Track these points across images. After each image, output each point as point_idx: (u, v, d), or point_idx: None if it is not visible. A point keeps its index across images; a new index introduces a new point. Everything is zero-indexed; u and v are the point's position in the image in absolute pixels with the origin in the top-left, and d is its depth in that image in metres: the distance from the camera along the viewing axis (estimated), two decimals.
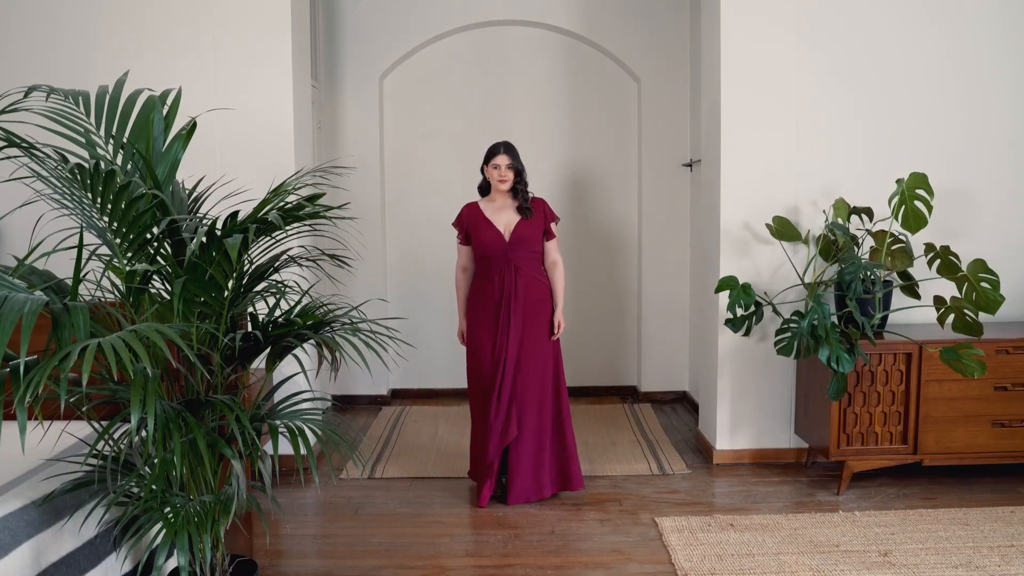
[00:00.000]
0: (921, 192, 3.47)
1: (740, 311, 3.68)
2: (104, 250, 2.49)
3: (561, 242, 5.32)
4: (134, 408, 1.68)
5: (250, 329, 2.39)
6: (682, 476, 3.83)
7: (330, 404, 4.31)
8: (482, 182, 3.63)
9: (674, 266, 5.24)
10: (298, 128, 3.92)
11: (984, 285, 3.38)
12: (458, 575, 2.86)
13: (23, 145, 1.99)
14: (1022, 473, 3.73)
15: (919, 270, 3.71)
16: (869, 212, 3.68)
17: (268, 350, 2.37)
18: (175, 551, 2.07)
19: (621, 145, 5.35)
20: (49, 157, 2.01)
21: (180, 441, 1.92)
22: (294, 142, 3.85)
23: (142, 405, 1.71)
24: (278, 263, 2.37)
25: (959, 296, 3.44)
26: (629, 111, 5.32)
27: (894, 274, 3.71)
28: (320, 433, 2.26)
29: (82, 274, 1.88)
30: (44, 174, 2.06)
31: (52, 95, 2.16)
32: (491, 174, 3.52)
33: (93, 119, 2.23)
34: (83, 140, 2.20)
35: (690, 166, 5.10)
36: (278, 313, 2.42)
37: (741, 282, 3.63)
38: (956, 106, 3.88)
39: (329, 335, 2.34)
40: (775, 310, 3.72)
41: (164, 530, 2.03)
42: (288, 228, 2.27)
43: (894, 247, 3.65)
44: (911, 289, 3.70)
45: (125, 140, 2.20)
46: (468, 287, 3.63)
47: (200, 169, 3.06)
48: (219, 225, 2.08)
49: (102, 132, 2.22)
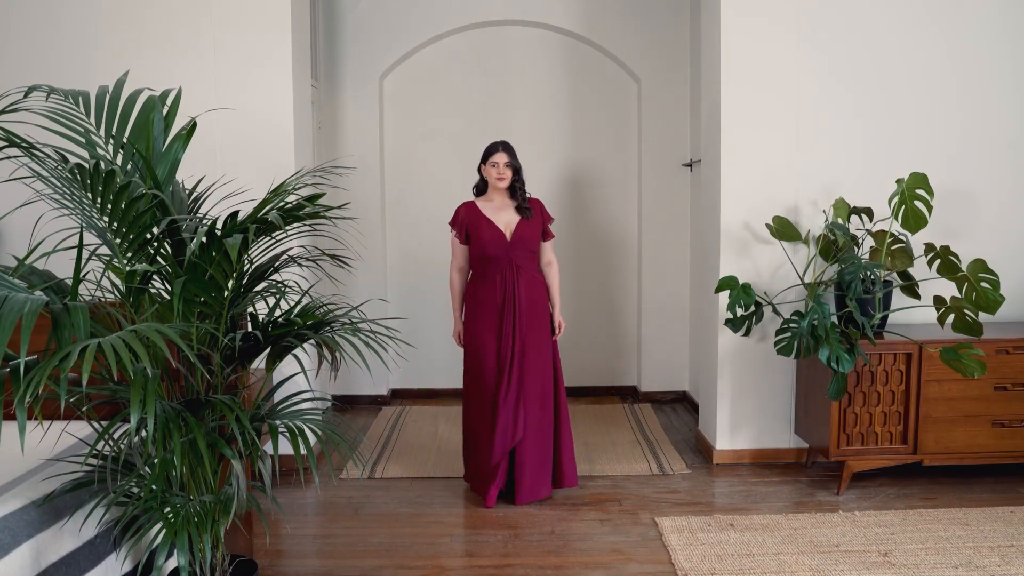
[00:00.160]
0: (921, 192, 3.47)
1: (740, 311, 3.68)
2: (104, 250, 2.50)
3: (561, 242, 5.36)
4: (134, 408, 1.68)
5: (250, 329, 2.39)
6: (682, 476, 3.84)
7: (330, 404, 4.30)
8: (478, 182, 3.62)
9: (674, 266, 5.24)
10: (298, 128, 3.92)
11: (984, 285, 3.38)
12: (458, 575, 2.86)
13: (23, 145, 1.99)
14: (1022, 473, 3.73)
15: (919, 270, 3.71)
16: (869, 212, 3.68)
17: (268, 350, 2.37)
18: (175, 551, 2.07)
19: (621, 145, 5.35)
20: (49, 157, 2.01)
21: (180, 441, 1.92)
22: (294, 142, 3.85)
23: (142, 405, 1.71)
24: (278, 263, 2.37)
25: (959, 296, 3.44)
26: (629, 111, 5.32)
27: (894, 274, 3.71)
28: (320, 433, 2.26)
29: (82, 274, 1.88)
30: (44, 174, 2.06)
31: (52, 95, 2.16)
32: (489, 172, 3.51)
33: (93, 119, 2.23)
34: (83, 140, 2.20)
35: (690, 166, 5.10)
36: (278, 313, 2.42)
37: (741, 282, 3.63)
38: (956, 106, 3.88)
39: (329, 335, 2.34)
40: (775, 310, 3.72)
41: (164, 530, 2.03)
42: (288, 228, 2.27)
43: (894, 247, 3.65)
44: (911, 289, 3.70)
45: (125, 140, 2.20)
46: (463, 288, 3.63)
47: (200, 169, 3.06)
48: (219, 225, 2.08)
49: (102, 132, 2.22)
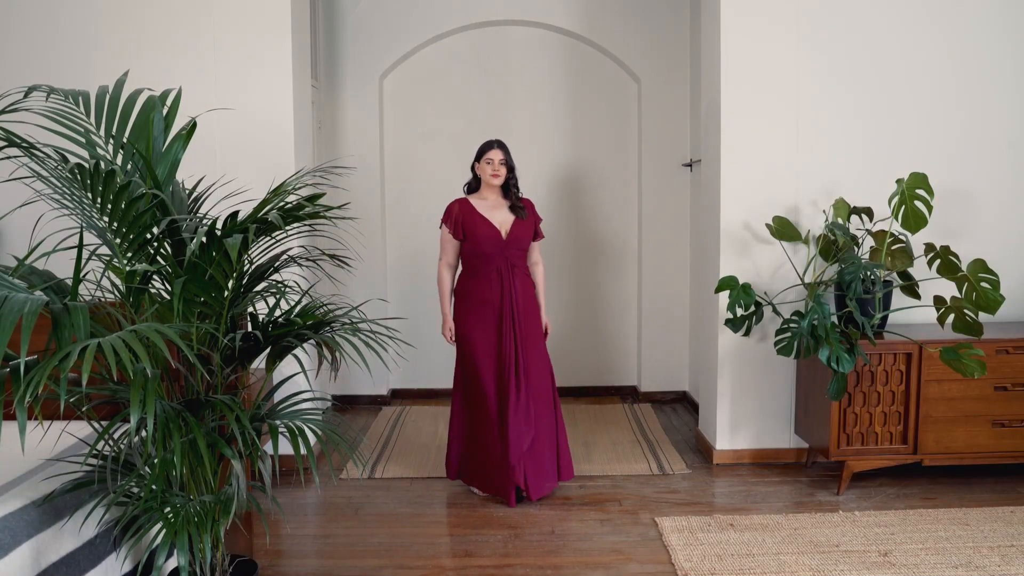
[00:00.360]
0: (921, 192, 3.47)
1: (740, 311, 3.68)
2: (104, 250, 2.50)
3: (561, 242, 5.36)
4: (134, 408, 1.68)
5: (250, 329, 2.39)
6: (682, 476, 3.83)
7: (330, 404, 4.30)
8: (471, 180, 3.64)
9: (674, 266, 5.24)
10: (298, 128, 3.92)
11: (984, 285, 3.38)
12: (458, 575, 2.86)
13: (23, 145, 1.99)
14: (1022, 473, 3.73)
15: (919, 270, 3.71)
16: (869, 212, 3.68)
17: (268, 350, 2.37)
18: (175, 551, 2.07)
19: (621, 145, 5.35)
20: (49, 157, 2.01)
21: (180, 441, 1.92)
22: (294, 142, 3.85)
23: (142, 405, 1.71)
24: (278, 263, 2.37)
25: (959, 296, 3.43)
26: (629, 111, 5.32)
27: (894, 274, 3.71)
28: (320, 433, 2.26)
29: (82, 274, 1.88)
30: (44, 174, 2.06)
31: (52, 95, 2.16)
32: (483, 170, 3.54)
33: (93, 119, 2.23)
34: (83, 140, 2.20)
35: (690, 166, 5.10)
36: (278, 313, 2.42)
37: (741, 282, 3.63)
38: (956, 106, 3.88)
39: (329, 335, 2.34)
40: (775, 310, 3.72)
41: (164, 530, 2.03)
42: (288, 228, 2.27)
43: (894, 247, 3.65)
44: (911, 289, 3.70)
45: (125, 140, 2.20)
46: (452, 285, 3.64)
47: (200, 169, 3.07)
48: (219, 225, 2.08)
49: (102, 132, 2.22)
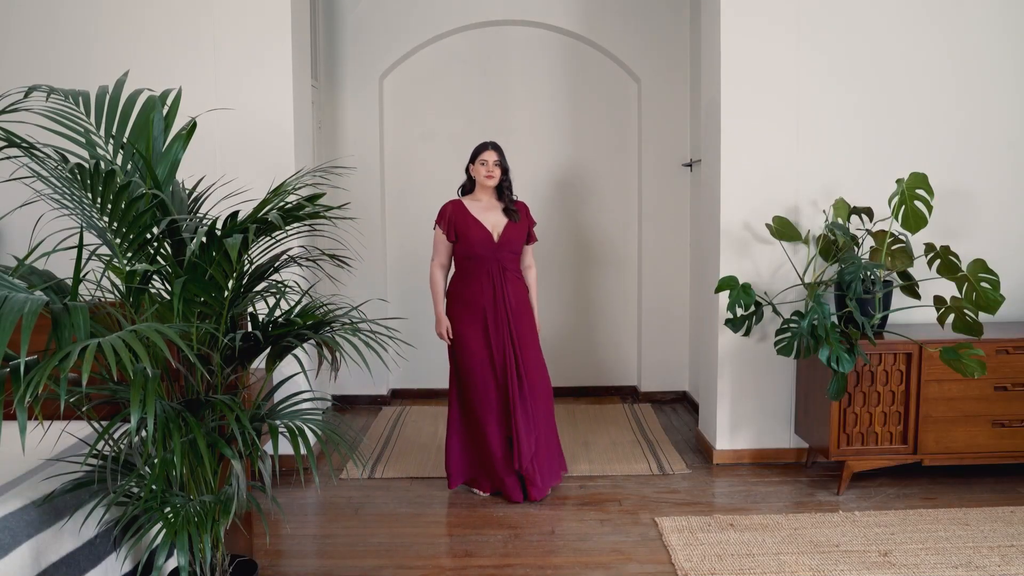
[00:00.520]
0: (921, 192, 3.47)
1: (740, 311, 3.68)
2: (104, 250, 2.50)
3: (561, 242, 5.37)
4: (134, 408, 1.68)
5: (250, 329, 2.39)
6: (682, 476, 3.83)
7: (330, 404, 4.30)
8: (465, 182, 3.65)
9: (674, 266, 5.24)
10: (298, 128, 3.92)
11: (984, 285, 3.38)
12: (458, 575, 2.86)
13: (23, 145, 1.99)
14: (1022, 473, 3.73)
15: (919, 270, 3.71)
16: (869, 212, 3.68)
17: (268, 350, 2.37)
18: (175, 551, 2.07)
19: (621, 145, 5.35)
20: (49, 157, 2.01)
21: (180, 441, 1.92)
22: (294, 142, 3.85)
23: (142, 405, 1.71)
24: (278, 263, 2.37)
25: (959, 296, 3.43)
26: (629, 111, 5.32)
27: (894, 274, 3.71)
28: (320, 433, 2.26)
29: (82, 274, 1.88)
30: (44, 174, 2.06)
31: (52, 95, 2.16)
32: (478, 171, 3.54)
33: (93, 119, 2.23)
34: (83, 140, 2.20)
35: (690, 166, 5.10)
36: (278, 313, 2.42)
37: (741, 282, 3.63)
38: (956, 106, 3.88)
39: (329, 335, 2.34)
40: (775, 310, 3.72)
41: (164, 530, 2.03)
42: (288, 228, 2.27)
43: (894, 247, 3.65)
44: (911, 289, 3.70)
45: (125, 140, 2.20)
46: (445, 285, 3.63)
47: (200, 169, 3.07)
48: (219, 225, 2.08)
49: (102, 132, 2.22)
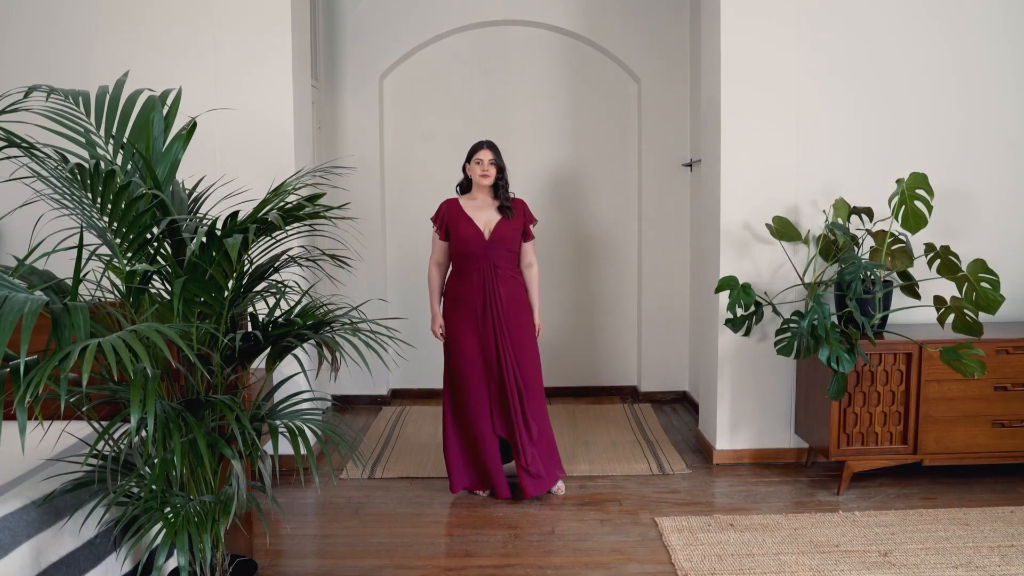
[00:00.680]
0: (921, 192, 3.47)
1: (740, 311, 3.68)
2: (104, 250, 2.50)
3: (561, 242, 5.36)
4: (134, 408, 1.68)
5: (250, 329, 2.39)
6: (682, 476, 3.83)
7: (330, 404, 4.30)
8: (463, 180, 3.65)
9: (674, 266, 5.24)
10: (298, 128, 3.91)
11: (984, 285, 3.38)
12: (458, 575, 2.86)
13: (23, 145, 1.99)
14: (1022, 473, 3.73)
15: (919, 270, 3.71)
16: (869, 212, 3.68)
17: (268, 350, 2.37)
18: (175, 551, 2.07)
19: (621, 145, 5.35)
20: (49, 157, 2.01)
21: (180, 441, 1.92)
22: (294, 142, 3.85)
23: (142, 405, 1.71)
24: (278, 263, 2.37)
25: (959, 296, 3.43)
26: (629, 111, 5.32)
27: (894, 274, 3.71)
28: (320, 433, 2.26)
29: (82, 274, 1.88)
30: (44, 174, 2.06)
31: (52, 95, 2.16)
32: (473, 170, 3.54)
33: (93, 119, 2.23)
34: (83, 140, 2.20)
35: (690, 166, 5.10)
36: (278, 313, 2.42)
37: (741, 282, 3.63)
38: (956, 106, 3.88)
39: (329, 335, 2.34)
40: (775, 310, 3.72)
41: (164, 530, 2.03)
42: (288, 228, 2.27)
43: (894, 247, 3.65)
44: (911, 289, 3.69)
45: (125, 140, 2.20)
46: (442, 282, 3.64)
47: (200, 169, 3.07)
48: (219, 225, 2.08)
49: (102, 132, 2.22)
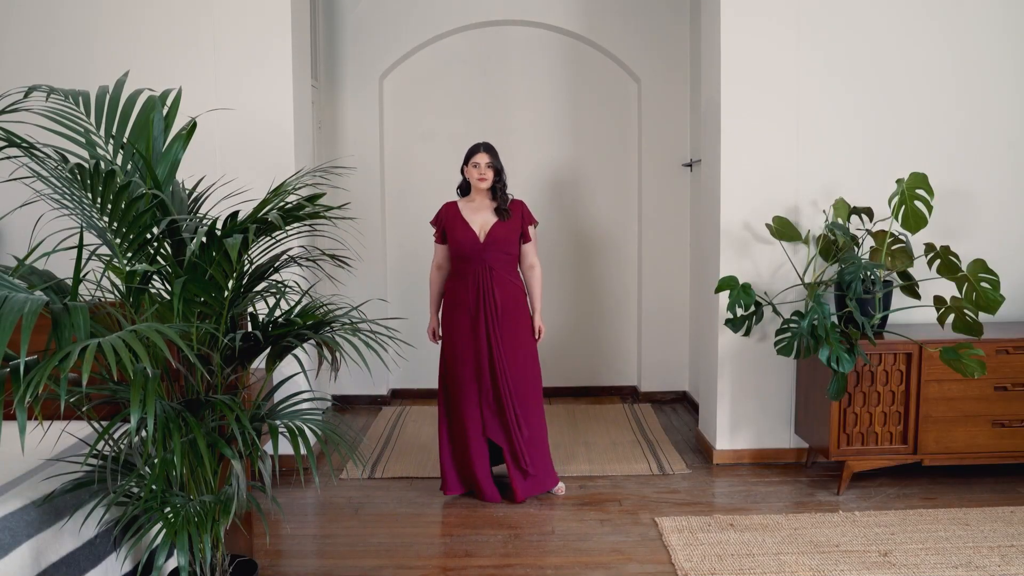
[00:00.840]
0: (921, 192, 3.47)
1: (740, 311, 3.68)
2: (104, 250, 2.50)
3: (561, 242, 5.36)
4: (134, 408, 1.68)
5: (250, 329, 2.39)
6: (682, 476, 3.83)
7: (330, 404, 4.30)
8: (462, 182, 3.65)
9: (674, 266, 5.24)
10: (298, 128, 3.92)
11: (984, 285, 3.38)
12: (458, 575, 2.86)
13: (23, 145, 1.99)
14: (1022, 473, 3.73)
15: (919, 270, 3.71)
16: (869, 212, 3.68)
17: (268, 350, 2.37)
18: (175, 551, 2.07)
19: (621, 145, 5.35)
20: (49, 157, 2.01)
21: (180, 441, 1.92)
22: (294, 142, 3.85)
23: (142, 405, 1.71)
24: (278, 263, 2.37)
25: (959, 296, 3.43)
26: (629, 111, 5.32)
27: (894, 274, 3.71)
28: (320, 433, 2.26)
29: (82, 274, 1.88)
30: (44, 174, 2.06)
31: (52, 95, 2.16)
32: (471, 173, 3.53)
33: (93, 119, 2.23)
34: (83, 140, 2.20)
35: (690, 166, 5.10)
36: (278, 313, 2.42)
37: (741, 282, 3.63)
38: (956, 106, 3.88)
39: (329, 335, 2.34)
40: (775, 310, 3.72)
41: (164, 530, 2.03)
42: (288, 228, 2.27)
43: (894, 247, 3.65)
44: (911, 289, 3.70)
45: (125, 140, 2.20)
46: (442, 285, 3.64)
47: (200, 169, 3.07)
48: (219, 225, 2.08)
49: (102, 132, 2.22)
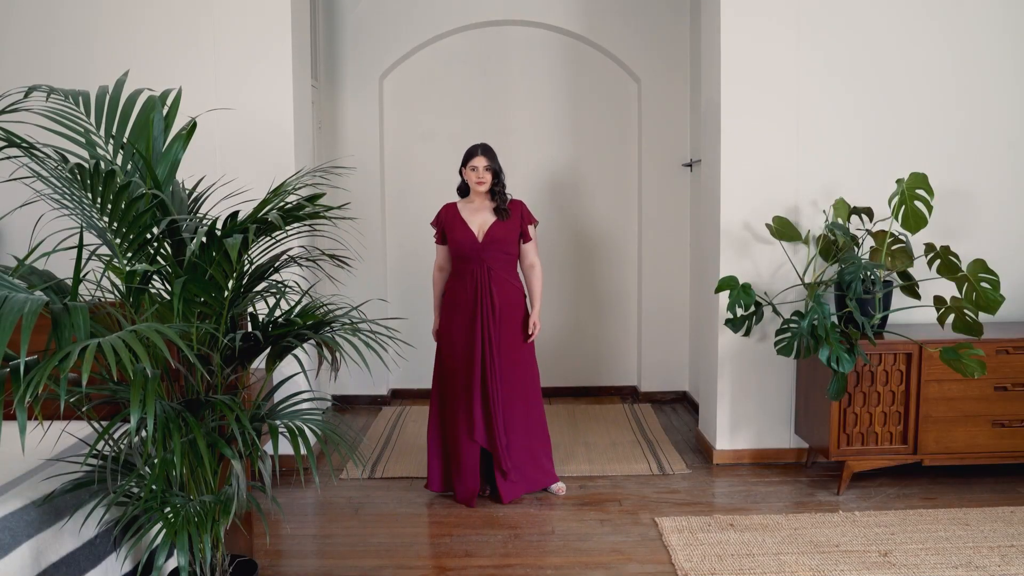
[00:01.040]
0: (921, 192, 3.47)
1: (740, 311, 3.68)
2: (104, 250, 2.50)
3: (561, 242, 5.36)
4: (134, 408, 1.68)
5: (250, 329, 2.39)
6: (682, 476, 3.83)
7: (330, 404, 4.30)
8: (461, 184, 3.65)
9: (674, 266, 5.24)
10: (298, 128, 3.91)
11: (984, 285, 3.38)
12: (458, 575, 2.86)
13: (23, 145, 1.99)
14: (1022, 473, 3.73)
15: (919, 270, 3.71)
16: (869, 212, 3.68)
17: (268, 350, 2.37)
18: (175, 551, 2.07)
19: (621, 145, 5.35)
20: (49, 157, 2.01)
21: (180, 441, 1.92)
22: (294, 142, 3.85)
23: (142, 405, 1.71)
24: (278, 263, 2.37)
25: (959, 296, 3.43)
26: (629, 111, 5.32)
27: (894, 274, 3.71)
28: (320, 433, 2.26)
29: (82, 274, 1.88)
30: (44, 174, 2.06)
31: (52, 95, 2.16)
32: (469, 176, 3.53)
33: (93, 119, 2.23)
34: (83, 140, 2.20)
35: (690, 166, 5.10)
36: (278, 313, 2.42)
37: (741, 282, 3.63)
38: (956, 106, 3.88)
39: (329, 335, 2.34)
40: (775, 310, 3.72)
41: (164, 530, 2.03)
42: (288, 228, 2.27)
43: (894, 247, 3.65)
44: (911, 289, 3.69)
45: (125, 140, 2.20)
46: (443, 286, 3.65)
47: (200, 169, 3.06)
48: (219, 225, 2.08)
49: (102, 132, 2.22)
